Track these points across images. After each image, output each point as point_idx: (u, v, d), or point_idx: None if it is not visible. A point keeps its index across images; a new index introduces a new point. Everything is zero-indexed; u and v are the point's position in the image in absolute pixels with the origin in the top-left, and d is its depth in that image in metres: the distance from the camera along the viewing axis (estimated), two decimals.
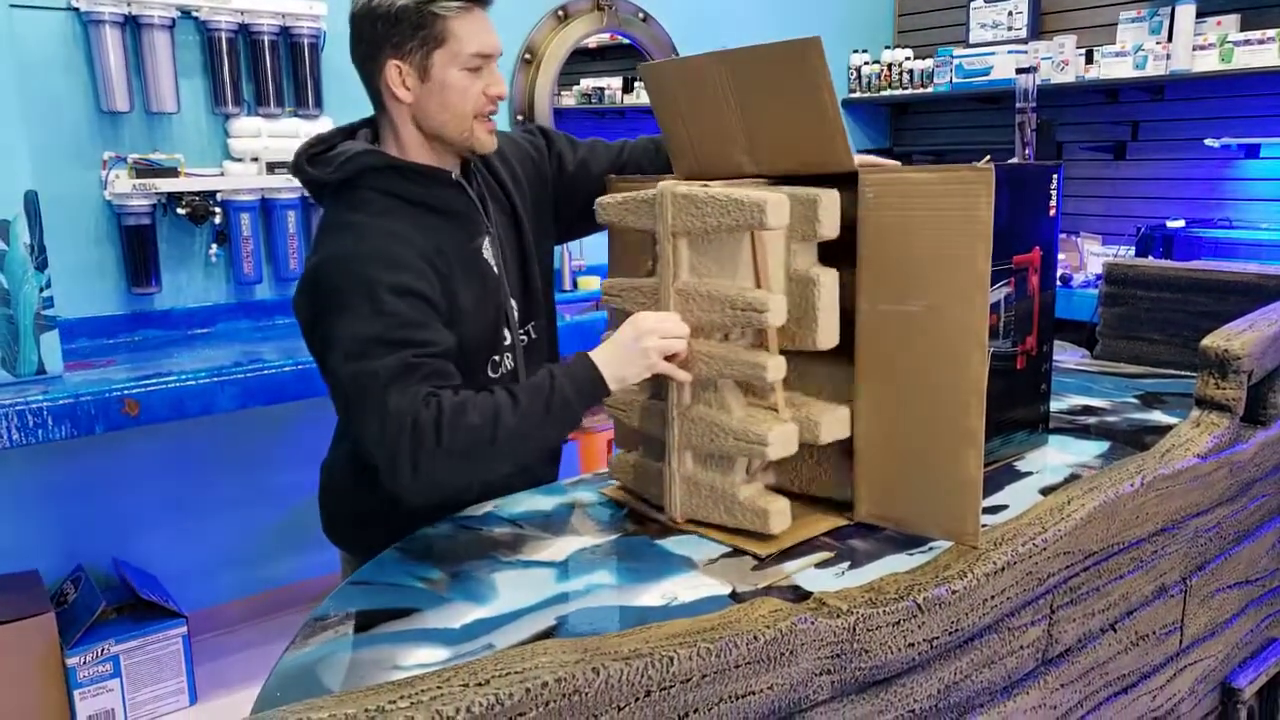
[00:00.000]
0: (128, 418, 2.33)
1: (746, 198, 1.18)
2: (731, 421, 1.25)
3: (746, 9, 4.37)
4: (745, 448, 1.24)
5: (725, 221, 1.21)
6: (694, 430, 1.30)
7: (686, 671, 0.91)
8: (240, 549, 3.19)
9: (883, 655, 1.07)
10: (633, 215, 1.33)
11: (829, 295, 1.25)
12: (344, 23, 3.19)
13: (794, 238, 1.25)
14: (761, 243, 1.23)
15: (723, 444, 1.26)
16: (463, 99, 1.51)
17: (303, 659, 1.04)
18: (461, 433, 1.25)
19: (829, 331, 1.26)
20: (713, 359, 1.26)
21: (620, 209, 1.35)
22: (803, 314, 1.26)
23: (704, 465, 1.32)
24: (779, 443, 1.23)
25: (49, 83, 2.72)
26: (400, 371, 1.29)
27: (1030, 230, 1.50)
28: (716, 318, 1.25)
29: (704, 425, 1.28)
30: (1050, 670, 1.31)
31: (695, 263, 1.29)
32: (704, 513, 1.32)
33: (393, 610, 1.14)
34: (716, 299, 1.25)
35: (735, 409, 1.27)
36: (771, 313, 1.20)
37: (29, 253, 2.33)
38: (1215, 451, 1.52)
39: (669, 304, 1.30)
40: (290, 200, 3.08)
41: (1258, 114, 3.78)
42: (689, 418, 1.30)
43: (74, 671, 2.55)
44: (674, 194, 1.26)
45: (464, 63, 1.50)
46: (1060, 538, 1.26)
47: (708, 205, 1.22)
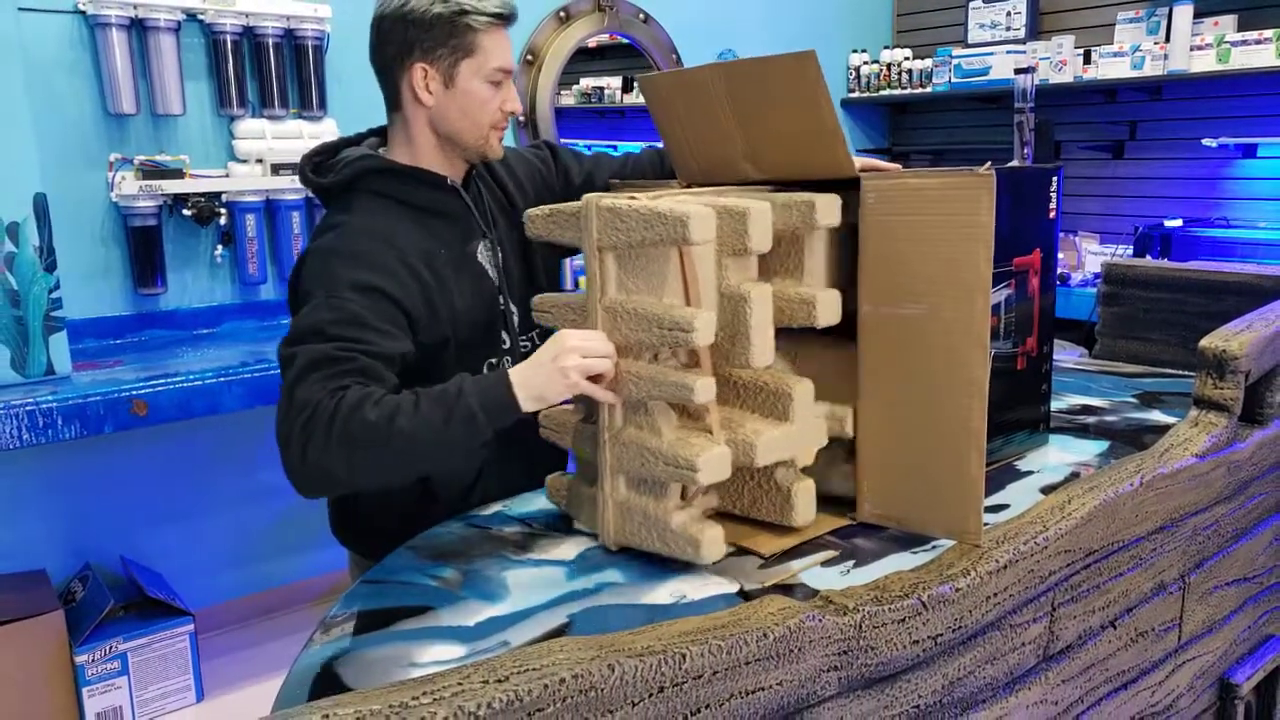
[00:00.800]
0: (136, 418, 2.35)
1: (670, 211, 1.12)
2: (662, 445, 1.18)
3: (746, 10, 4.39)
4: (675, 473, 1.17)
5: (649, 236, 1.15)
6: (625, 454, 1.23)
7: (699, 668, 0.93)
8: (246, 547, 3.21)
9: (888, 652, 1.09)
10: (559, 229, 1.28)
11: (761, 312, 1.21)
12: (347, 25, 3.21)
13: (725, 252, 1.21)
14: (689, 258, 1.18)
15: (653, 469, 1.19)
16: (482, 109, 1.58)
17: (320, 656, 1.06)
18: (355, 426, 1.24)
19: (763, 350, 1.22)
20: (641, 380, 1.20)
21: (547, 222, 1.30)
22: (735, 332, 1.22)
23: (637, 490, 1.25)
24: (709, 468, 1.15)
25: (56, 85, 2.74)
26: (322, 361, 1.31)
27: (1030, 232, 1.53)
28: (644, 336, 1.19)
29: (635, 449, 1.21)
30: (1051, 666, 1.33)
31: (623, 279, 1.23)
32: (637, 539, 1.25)
33: (407, 608, 1.16)
34: (644, 317, 1.18)
35: (666, 432, 1.21)
36: (698, 332, 1.14)
37: (38, 254, 2.35)
38: (1213, 451, 1.54)
39: (596, 322, 1.24)
40: (295, 201, 3.10)
41: (1255, 114, 3.81)
42: (620, 441, 1.24)
43: (82, 669, 2.57)
44: (598, 207, 1.20)
45: (487, 75, 1.58)
46: (1061, 536, 1.28)
47: (631, 219, 1.17)
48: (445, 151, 1.61)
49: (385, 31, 1.58)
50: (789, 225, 1.26)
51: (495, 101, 1.60)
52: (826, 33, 4.77)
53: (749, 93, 1.37)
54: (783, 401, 1.23)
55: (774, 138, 1.37)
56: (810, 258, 1.30)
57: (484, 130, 1.60)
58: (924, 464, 1.28)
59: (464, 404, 1.26)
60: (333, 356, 1.31)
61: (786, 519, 1.28)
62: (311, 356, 1.31)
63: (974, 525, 1.24)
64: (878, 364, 1.30)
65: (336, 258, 1.45)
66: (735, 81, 1.38)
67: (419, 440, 1.25)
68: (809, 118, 1.31)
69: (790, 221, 1.26)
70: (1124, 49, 3.89)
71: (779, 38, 4.48)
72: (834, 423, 1.32)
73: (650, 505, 1.23)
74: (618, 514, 1.27)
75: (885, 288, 1.28)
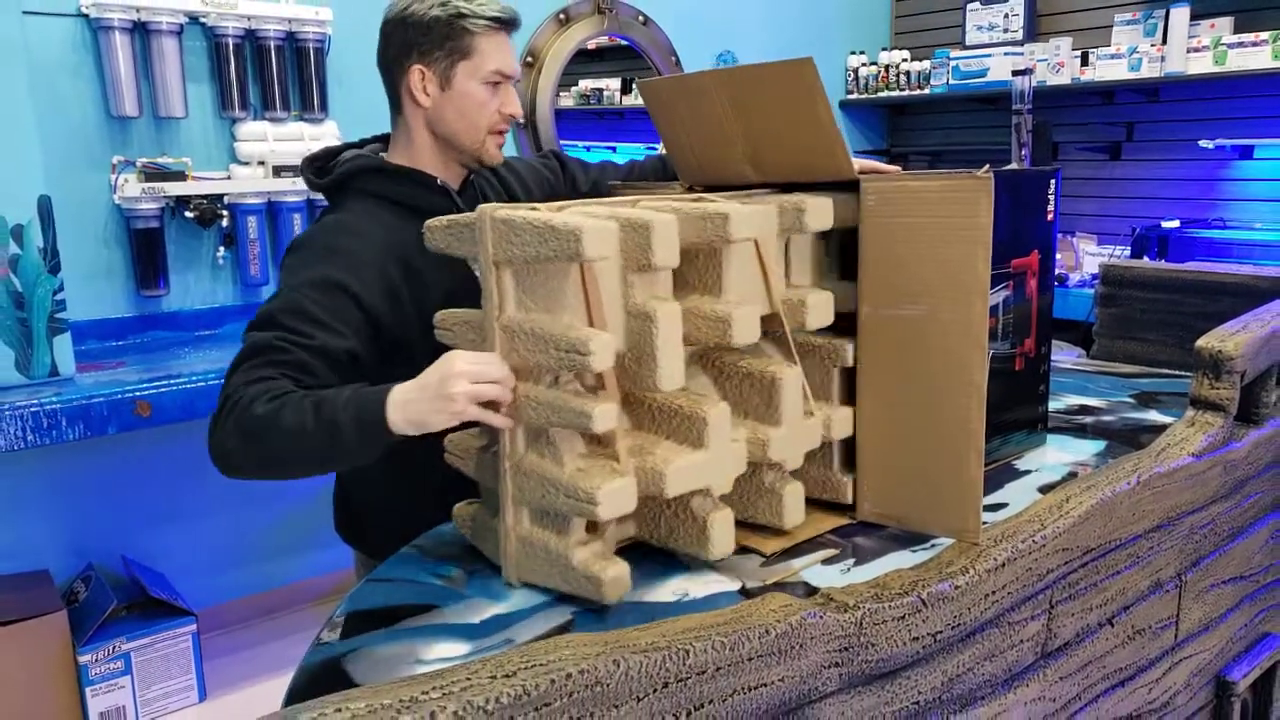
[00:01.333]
0: (140, 418, 2.36)
1: (563, 224, 1.04)
2: (562, 476, 1.10)
3: (744, 12, 4.40)
4: (576, 506, 1.08)
5: (544, 251, 1.07)
6: (527, 484, 1.14)
7: (702, 664, 0.95)
8: (248, 547, 3.23)
9: (888, 648, 1.10)
10: (458, 241, 1.19)
11: (668, 332, 1.12)
12: (349, 27, 3.25)
13: (630, 268, 1.13)
14: (591, 275, 1.10)
15: (554, 501, 1.11)
16: (479, 111, 1.61)
17: (327, 654, 1.08)
18: (248, 418, 1.27)
19: (671, 373, 1.12)
20: (540, 405, 1.11)
21: (445, 234, 1.21)
22: (642, 353, 1.13)
23: (539, 523, 1.17)
24: (610, 501, 1.06)
25: (59, 88, 2.75)
26: (263, 348, 1.35)
27: (1029, 234, 1.54)
28: (542, 358, 1.10)
29: (536, 479, 1.13)
30: (1049, 664, 1.35)
31: (521, 296, 1.14)
32: (539, 576, 1.17)
33: (412, 606, 1.17)
34: (541, 337, 1.09)
35: (568, 461, 1.12)
36: (594, 355, 1.04)
37: (42, 256, 2.37)
38: (1209, 450, 1.56)
39: (494, 342, 1.15)
40: (296, 203, 3.11)
41: (1251, 115, 3.83)
42: (521, 470, 1.15)
43: (85, 669, 2.58)
44: (493, 218, 1.11)
45: (484, 78, 1.60)
46: (1059, 535, 1.30)
47: (526, 232, 1.08)
48: (443, 154, 1.64)
49: (388, 34, 1.62)
50: (703, 238, 1.18)
51: (493, 104, 1.62)
52: (825, 34, 4.78)
53: (748, 97, 1.38)
54: (696, 427, 1.14)
55: (774, 141, 1.39)
56: (729, 271, 1.22)
57: (480, 133, 1.62)
58: (923, 464, 1.29)
59: (335, 416, 1.23)
60: (272, 345, 1.35)
61: (703, 551, 1.18)
62: (254, 343, 1.36)
63: (973, 524, 1.25)
64: (877, 365, 1.32)
65: (307, 251, 1.49)
66: (735, 87, 1.40)
67: (291, 441, 1.25)
68: (808, 122, 1.33)
69: (704, 234, 1.18)
70: (1121, 51, 3.91)
71: (778, 40, 4.49)
72: (755, 447, 1.23)
73: (552, 540, 1.14)
74: (520, 549, 1.18)
75: (885, 289, 1.29)
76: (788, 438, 1.24)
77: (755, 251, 1.25)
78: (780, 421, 1.24)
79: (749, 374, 1.26)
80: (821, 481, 1.40)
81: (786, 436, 1.24)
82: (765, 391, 1.24)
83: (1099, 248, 4.15)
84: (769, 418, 1.24)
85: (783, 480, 1.29)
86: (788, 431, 1.24)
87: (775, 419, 1.24)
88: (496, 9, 1.61)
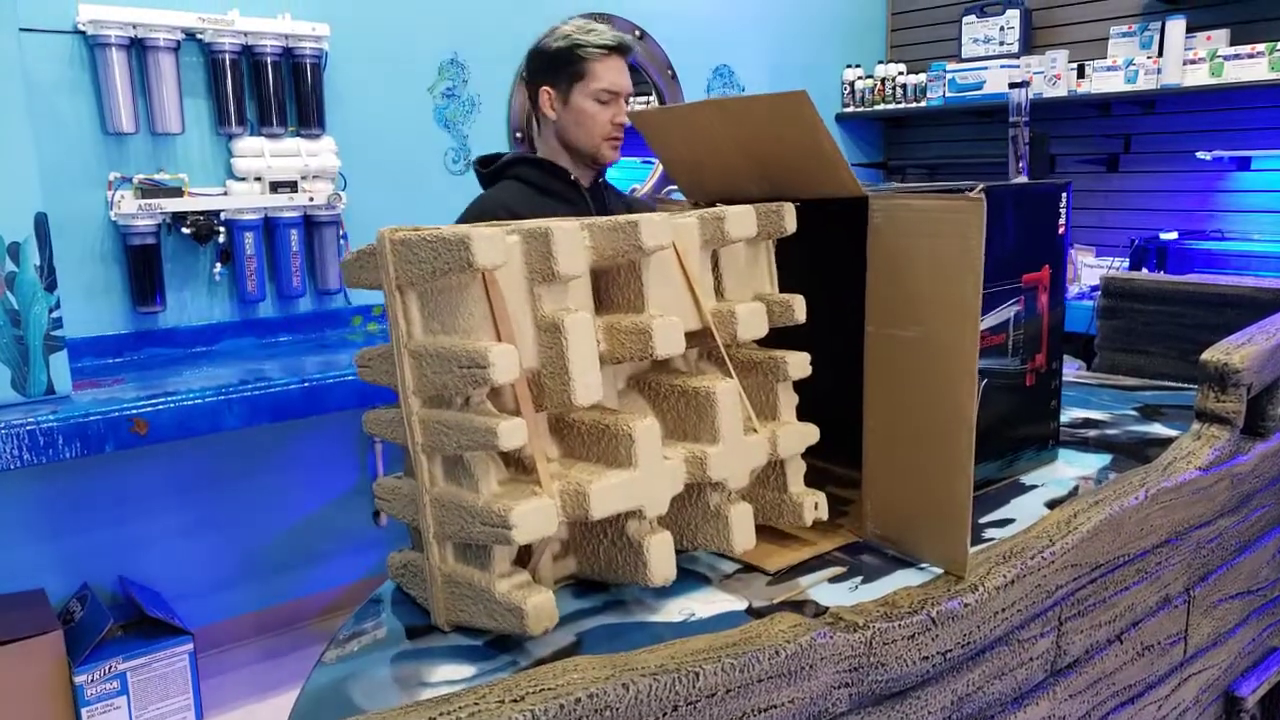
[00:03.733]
0: (136, 436, 2.35)
1: (453, 234, 1.01)
2: (478, 502, 1.04)
3: (740, 26, 4.41)
4: (491, 532, 1.02)
5: (439, 265, 1.03)
6: (446, 517, 1.09)
7: (712, 686, 0.93)
8: (245, 566, 3.21)
9: (898, 668, 1.09)
10: (365, 271, 1.13)
11: (579, 341, 1.07)
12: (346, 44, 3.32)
13: (535, 281, 1.09)
14: (494, 287, 1.06)
15: (471, 529, 1.05)
16: (593, 122, 2.10)
17: (331, 677, 1.06)
18: None
19: (585, 385, 1.08)
20: (449, 430, 1.05)
21: (355, 266, 1.15)
22: (556, 367, 1.08)
23: (463, 559, 1.11)
24: (526, 522, 1.00)
25: (56, 105, 2.75)
26: None
27: (1040, 248, 1.53)
28: (449, 379, 1.05)
29: (454, 510, 1.07)
30: (1059, 681, 1.33)
31: (427, 319, 1.09)
32: (467, 615, 1.10)
33: (415, 627, 1.16)
34: (445, 357, 1.05)
35: (484, 488, 1.06)
36: (495, 367, 0.99)
37: (39, 274, 2.35)
38: (1216, 464, 1.55)
39: (404, 369, 1.09)
40: (293, 219, 3.10)
41: (1248, 127, 3.84)
42: (440, 502, 1.09)
43: (81, 689, 2.56)
44: (391, 240, 1.06)
45: (594, 95, 2.08)
46: (1067, 551, 1.28)
47: (421, 249, 1.04)
48: (570, 156, 2.14)
49: (529, 62, 2.17)
50: (619, 250, 1.14)
51: (605, 116, 2.08)
52: (821, 48, 4.80)
53: (746, 126, 1.37)
54: (623, 444, 1.08)
55: (777, 162, 1.37)
56: (649, 284, 1.18)
57: (595, 139, 2.11)
58: (917, 488, 1.26)
59: None
60: None
61: (641, 578, 1.13)
62: None
63: (960, 556, 1.20)
64: (880, 384, 1.30)
65: (465, 216, 2.01)
66: (730, 116, 1.38)
67: None
68: (808, 145, 1.31)
69: (617, 245, 1.14)
70: (1117, 63, 3.92)
71: (774, 54, 4.50)
72: (693, 466, 1.17)
73: (475, 575, 1.08)
74: (446, 589, 1.12)
75: (885, 308, 1.28)
76: (727, 454, 1.18)
77: (677, 263, 1.21)
78: (717, 438, 1.18)
79: (684, 392, 1.21)
80: (776, 505, 1.33)
81: (725, 453, 1.18)
82: (700, 407, 1.19)
83: (1097, 259, 4.15)
84: (706, 435, 1.19)
85: (728, 502, 1.21)
86: (726, 448, 1.18)
87: (712, 436, 1.18)
88: (607, 39, 2.07)
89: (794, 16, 4.64)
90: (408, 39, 3.43)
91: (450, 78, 3.56)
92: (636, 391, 1.25)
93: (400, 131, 3.46)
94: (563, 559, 1.21)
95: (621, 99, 2.09)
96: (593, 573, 1.20)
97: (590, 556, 1.19)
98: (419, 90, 3.51)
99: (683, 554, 1.32)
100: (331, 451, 3.37)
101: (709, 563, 1.31)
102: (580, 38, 2.06)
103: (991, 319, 1.45)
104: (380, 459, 3.43)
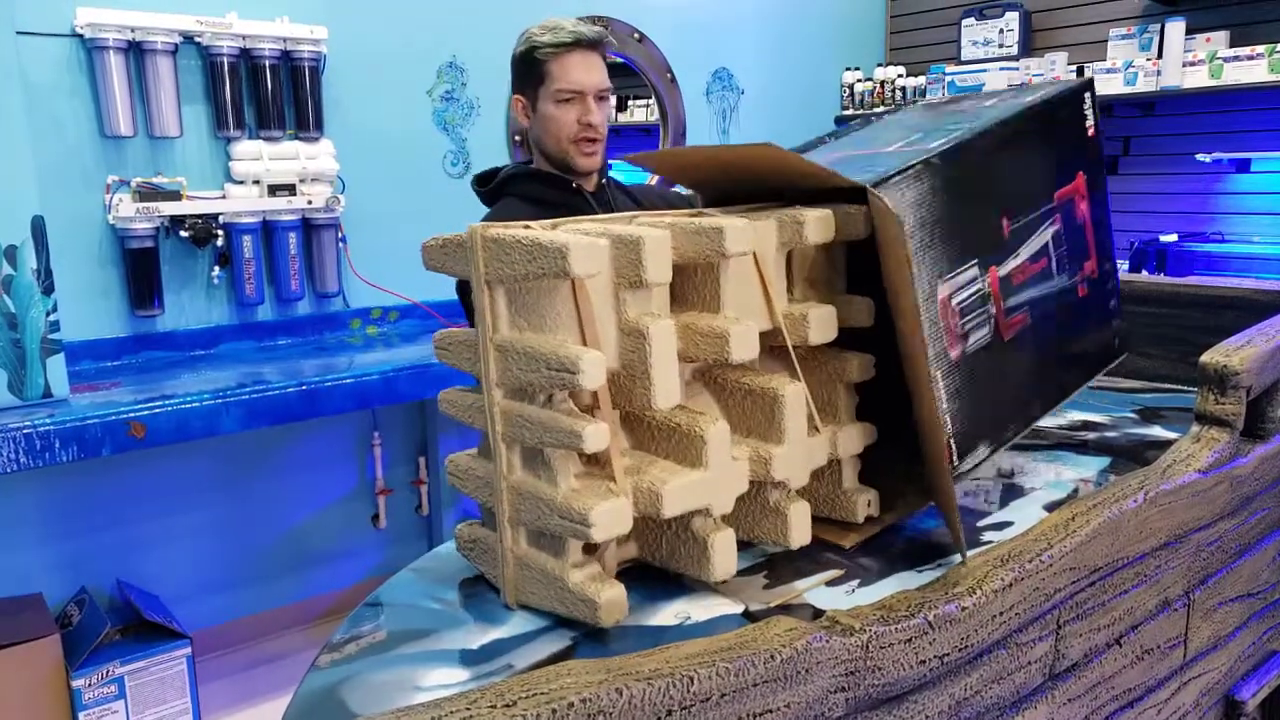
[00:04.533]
0: (134, 440, 2.34)
1: (550, 241, 1.04)
2: (556, 496, 1.08)
3: (740, 29, 4.41)
4: (570, 527, 1.07)
5: (532, 269, 1.06)
6: (523, 504, 1.13)
7: (706, 690, 0.92)
8: (243, 569, 3.20)
9: (895, 672, 1.08)
10: (451, 260, 1.18)
11: (662, 348, 1.10)
12: (344, 47, 3.29)
13: (622, 285, 1.12)
14: (582, 292, 1.09)
15: (549, 522, 1.09)
16: (559, 126, 1.95)
17: (325, 681, 1.05)
18: None
19: (666, 390, 1.11)
20: (533, 425, 1.09)
21: (440, 253, 1.19)
22: (637, 371, 1.11)
23: (536, 544, 1.15)
24: (604, 522, 1.05)
25: (53, 108, 2.75)
26: None
27: (1070, 158, 1.48)
28: (535, 377, 1.08)
29: (531, 499, 1.11)
30: (1058, 685, 1.33)
31: (514, 315, 1.13)
32: (537, 598, 1.15)
33: (410, 631, 1.15)
34: (533, 356, 1.08)
35: (562, 482, 1.10)
36: (584, 373, 1.02)
37: (35, 277, 2.35)
38: (1216, 466, 1.54)
39: (489, 361, 1.13)
40: (291, 222, 3.10)
41: (1248, 129, 3.83)
42: (517, 490, 1.13)
43: (79, 694, 2.55)
44: (483, 237, 1.10)
45: (556, 96, 1.94)
46: (1066, 554, 1.28)
47: (515, 250, 1.07)
48: (551, 163, 2.01)
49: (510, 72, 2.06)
50: (699, 253, 1.17)
51: (569, 117, 1.93)
52: (820, 50, 4.79)
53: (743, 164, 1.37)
54: (695, 445, 1.12)
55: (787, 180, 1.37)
56: (727, 287, 1.20)
57: (563, 144, 1.96)
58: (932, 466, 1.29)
59: None
60: None
61: (704, 572, 1.16)
62: None
63: (954, 536, 1.23)
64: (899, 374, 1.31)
65: None
66: (724, 158, 1.38)
67: None
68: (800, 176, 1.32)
69: (700, 249, 1.16)
70: (1117, 65, 3.91)
71: (773, 56, 4.50)
72: (757, 465, 1.21)
73: (549, 561, 1.12)
74: (517, 570, 1.16)
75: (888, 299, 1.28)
76: (791, 456, 1.22)
77: (754, 266, 1.23)
78: (783, 439, 1.21)
79: (751, 391, 1.23)
80: (831, 500, 1.37)
81: (790, 455, 1.22)
82: (767, 408, 1.22)
83: None
84: (771, 435, 1.22)
85: (788, 499, 1.25)
86: (791, 449, 1.22)
87: (778, 437, 1.21)
88: (563, 35, 1.91)
89: (793, 19, 4.63)
90: (406, 42, 3.43)
91: (449, 81, 3.56)
92: (702, 385, 1.28)
93: (399, 134, 3.46)
94: (624, 544, 1.24)
95: (589, 97, 1.92)
96: (655, 560, 1.24)
97: (653, 544, 1.23)
98: (418, 93, 3.51)
99: None
100: (331, 455, 3.37)
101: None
102: (538, 38, 1.92)
103: (1028, 249, 1.43)
104: (379, 462, 3.43)
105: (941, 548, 1.32)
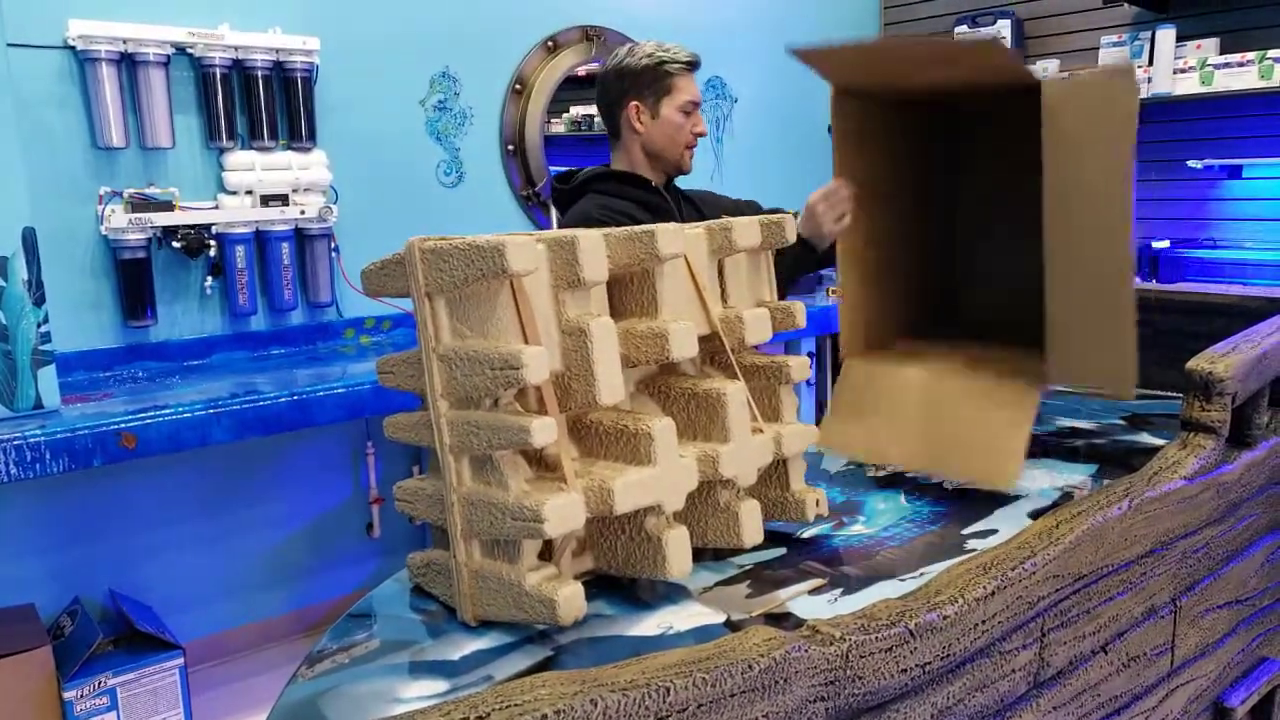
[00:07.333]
0: (125, 450, 2.34)
1: (487, 243, 1.06)
2: (508, 499, 1.09)
3: (732, 37, 4.42)
4: (523, 527, 1.07)
5: (471, 272, 1.08)
6: (475, 514, 1.13)
7: (683, 701, 0.92)
8: (236, 580, 3.19)
9: (876, 681, 1.08)
10: (389, 279, 1.19)
11: (603, 345, 1.13)
12: (336, 57, 3.31)
13: (561, 287, 1.16)
14: (521, 292, 1.12)
15: (501, 526, 1.10)
16: (679, 132, 2.32)
17: (305, 692, 1.05)
18: None
19: (610, 385, 1.14)
20: (480, 429, 1.10)
21: (379, 275, 1.20)
22: (580, 369, 1.14)
23: (490, 555, 1.16)
24: (557, 516, 1.05)
25: (45, 119, 2.75)
26: None
27: None
28: (479, 380, 1.10)
29: (483, 507, 1.12)
30: (1043, 693, 1.32)
31: (456, 324, 1.14)
32: (495, 609, 1.15)
33: (392, 642, 1.15)
34: (475, 360, 1.10)
35: (514, 485, 1.11)
36: (528, 368, 1.05)
37: (27, 289, 2.35)
38: (1201, 473, 1.54)
39: (433, 373, 1.14)
40: (284, 232, 3.10)
41: (1239, 135, 3.84)
42: (468, 501, 1.14)
43: (71, 705, 2.54)
44: (420, 250, 1.12)
45: (680, 107, 2.31)
46: (1049, 561, 1.28)
47: (453, 257, 1.09)
48: (653, 166, 2.34)
49: (608, 84, 2.34)
50: (634, 258, 1.21)
51: (688, 126, 2.31)
52: None
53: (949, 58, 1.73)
54: (642, 443, 1.15)
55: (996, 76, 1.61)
56: (663, 290, 1.24)
57: (680, 149, 2.33)
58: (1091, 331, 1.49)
59: None
60: None
61: (660, 571, 1.18)
62: None
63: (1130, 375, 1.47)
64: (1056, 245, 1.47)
65: None
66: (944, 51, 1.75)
67: None
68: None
69: (634, 254, 1.21)
70: None
71: (767, 65, 4.51)
72: (705, 464, 1.23)
73: (504, 569, 1.13)
74: (473, 583, 1.16)
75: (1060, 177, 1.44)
76: (737, 452, 1.25)
77: (687, 271, 1.29)
78: (728, 437, 1.25)
79: (695, 394, 1.27)
80: (780, 503, 1.40)
81: (736, 451, 1.25)
82: (711, 408, 1.26)
83: None
84: (717, 434, 1.26)
85: (738, 499, 1.28)
86: (737, 446, 1.25)
87: (723, 435, 1.25)
88: (686, 55, 2.31)
89: (786, 29, 4.64)
90: (399, 52, 3.44)
91: (442, 90, 3.56)
92: (647, 395, 1.31)
93: (392, 144, 3.46)
94: (580, 556, 1.26)
95: (699, 110, 2.33)
96: (611, 568, 1.25)
97: (608, 552, 1.24)
98: (411, 103, 3.51)
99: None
100: (324, 464, 3.37)
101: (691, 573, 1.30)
102: (664, 55, 2.29)
103: None
104: (373, 471, 3.43)
105: (928, 555, 1.33)
